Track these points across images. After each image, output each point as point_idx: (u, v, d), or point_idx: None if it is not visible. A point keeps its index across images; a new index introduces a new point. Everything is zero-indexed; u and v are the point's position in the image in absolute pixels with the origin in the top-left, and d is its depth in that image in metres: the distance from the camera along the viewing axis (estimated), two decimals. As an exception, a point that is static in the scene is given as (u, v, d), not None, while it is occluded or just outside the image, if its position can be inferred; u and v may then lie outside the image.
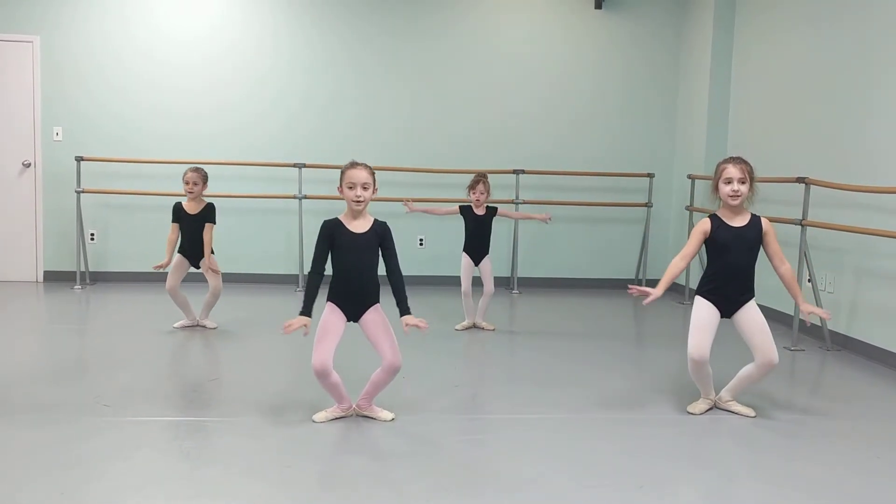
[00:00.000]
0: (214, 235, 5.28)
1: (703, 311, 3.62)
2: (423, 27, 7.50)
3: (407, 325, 3.33)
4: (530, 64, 7.63)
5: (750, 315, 3.59)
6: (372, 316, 3.40)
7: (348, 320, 3.40)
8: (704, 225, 3.62)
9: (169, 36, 7.22)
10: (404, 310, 3.38)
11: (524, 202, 7.33)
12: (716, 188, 3.61)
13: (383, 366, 3.40)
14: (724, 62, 7.04)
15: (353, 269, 3.35)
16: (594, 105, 7.73)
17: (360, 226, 3.39)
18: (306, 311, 3.32)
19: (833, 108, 5.53)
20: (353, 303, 3.39)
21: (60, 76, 7.10)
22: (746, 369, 3.68)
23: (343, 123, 7.43)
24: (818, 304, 5.22)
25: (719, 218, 3.62)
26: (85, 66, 7.12)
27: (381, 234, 3.41)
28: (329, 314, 3.38)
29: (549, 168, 7.54)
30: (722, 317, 3.63)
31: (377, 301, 3.43)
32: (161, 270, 5.20)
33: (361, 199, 3.34)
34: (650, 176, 7.54)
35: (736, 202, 3.54)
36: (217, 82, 7.30)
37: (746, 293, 3.61)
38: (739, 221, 3.59)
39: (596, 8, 7.61)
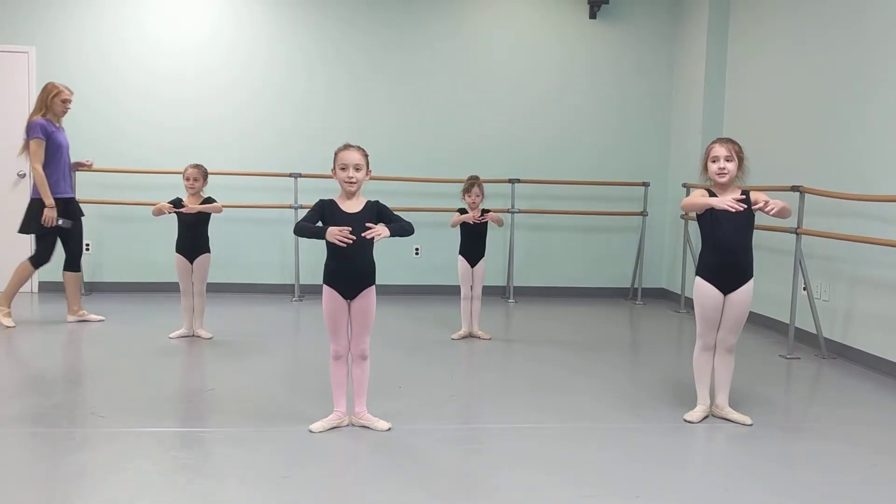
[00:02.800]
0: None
1: (706, 299, 3.64)
2: (419, 37, 7.52)
3: (374, 231, 3.27)
4: (525, 73, 7.66)
5: (740, 299, 3.62)
6: (361, 303, 3.41)
7: (346, 299, 3.41)
8: (703, 192, 3.67)
9: (164, 47, 7.23)
10: (389, 226, 3.35)
11: (520, 211, 7.35)
12: (705, 168, 3.67)
13: (352, 356, 3.46)
14: (718, 72, 7.07)
15: (346, 248, 3.31)
16: (589, 114, 7.76)
17: (353, 206, 3.41)
18: (324, 230, 3.27)
19: (827, 116, 5.56)
20: (349, 283, 3.40)
21: (56, 87, 7.10)
22: (717, 366, 3.74)
23: (338, 133, 7.38)
24: (814, 312, 5.24)
25: (713, 194, 3.65)
26: (80, 77, 7.11)
27: (376, 212, 3.43)
28: (329, 301, 3.39)
29: (544, 177, 7.56)
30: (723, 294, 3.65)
31: (373, 282, 3.44)
32: (163, 211, 5.09)
33: (353, 179, 3.38)
34: (645, 185, 7.56)
35: (723, 179, 3.59)
36: (212, 93, 7.31)
37: (746, 270, 3.63)
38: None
39: (590, 18, 7.66)
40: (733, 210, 3.41)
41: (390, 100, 7.53)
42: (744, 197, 3.53)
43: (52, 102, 5.60)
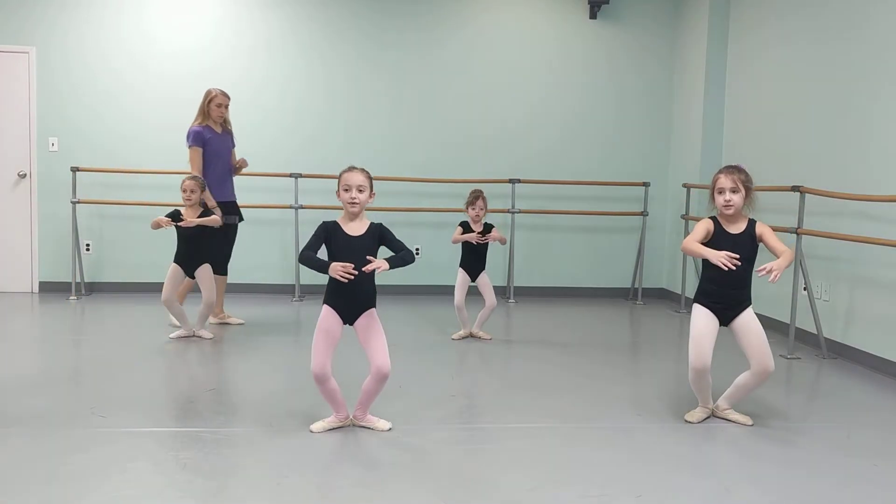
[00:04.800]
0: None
1: (702, 321, 3.61)
2: (419, 37, 7.52)
3: (374, 265, 3.27)
4: (525, 73, 7.66)
5: (747, 323, 3.59)
6: (366, 321, 3.40)
7: (344, 323, 3.40)
8: (708, 223, 3.64)
9: (164, 48, 7.23)
10: (389, 259, 3.35)
11: (520, 211, 7.35)
12: (712, 198, 3.65)
13: (371, 372, 3.40)
14: (718, 71, 7.07)
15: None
16: (589, 114, 7.76)
17: (356, 228, 3.41)
18: (327, 264, 3.28)
19: (827, 116, 5.56)
20: (350, 306, 3.38)
21: (56, 87, 7.10)
22: (743, 377, 3.69)
23: (338, 133, 7.44)
24: (814, 312, 5.24)
25: (719, 222, 3.64)
26: (80, 77, 7.13)
27: (379, 235, 3.43)
28: (326, 318, 3.37)
29: (544, 177, 7.56)
30: (720, 325, 3.63)
31: (373, 305, 3.43)
32: (161, 225, 5.07)
33: (356, 201, 3.38)
34: (646, 185, 7.56)
35: (729, 212, 3.57)
36: (213, 92, 7.31)
37: (744, 301, 3.61)
38: (736, 229, 3.61)
39: (590, 18, 7.66)
40: (725, 269, 3.43)
41: (390, 100, 7.52)
42: (736, 256, 3.46)
43: (208, 108, 5.58)
